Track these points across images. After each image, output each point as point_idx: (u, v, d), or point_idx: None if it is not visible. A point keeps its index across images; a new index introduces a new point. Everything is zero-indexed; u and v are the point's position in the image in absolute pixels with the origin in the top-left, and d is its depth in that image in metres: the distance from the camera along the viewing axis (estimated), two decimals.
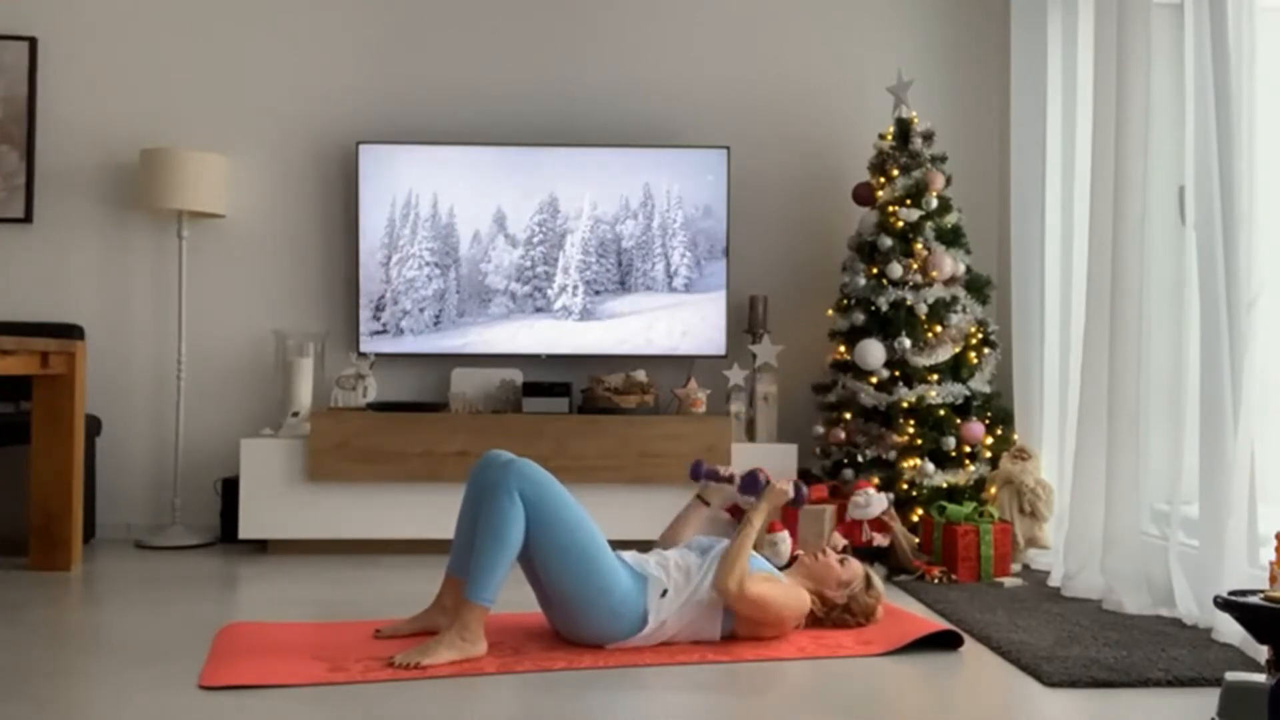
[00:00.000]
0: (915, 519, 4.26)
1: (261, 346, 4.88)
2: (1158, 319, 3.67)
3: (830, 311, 4.66)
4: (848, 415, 4.44)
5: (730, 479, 3.34)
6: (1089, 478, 3.71)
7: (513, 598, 3.12)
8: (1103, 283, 3.67)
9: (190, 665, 2.75)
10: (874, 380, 4.38)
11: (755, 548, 3.25)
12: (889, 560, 4.10)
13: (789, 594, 3.06)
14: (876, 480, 4.26)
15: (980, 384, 4.46)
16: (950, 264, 4.42)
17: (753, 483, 3.24)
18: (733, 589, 2.92)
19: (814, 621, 3.16)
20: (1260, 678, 2.19)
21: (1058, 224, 4.21)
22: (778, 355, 4.72)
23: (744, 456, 4.43)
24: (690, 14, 5.04)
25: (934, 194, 4.48)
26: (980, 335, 4.47)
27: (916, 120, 4.59)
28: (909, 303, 4.38)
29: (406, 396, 4.88)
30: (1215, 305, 3.18)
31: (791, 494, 3.21)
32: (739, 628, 3.01)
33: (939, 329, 4.41)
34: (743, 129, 4.99)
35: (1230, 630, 3.00)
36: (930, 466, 4.28)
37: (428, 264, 4.75)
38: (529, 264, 4.77)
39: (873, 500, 4.08)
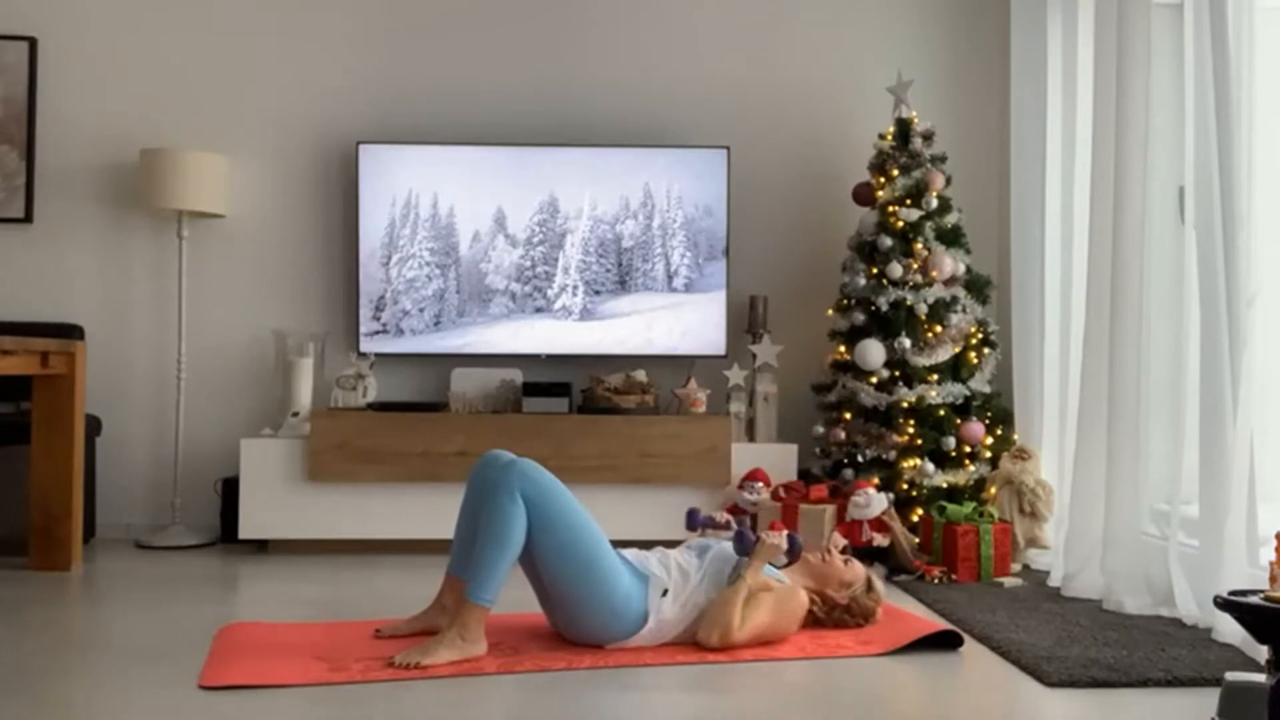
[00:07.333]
0: (915, 519, 4.26)
1: (261, 346, 4.88)
2: (1158, 319, 3.67)
3: (830, 311, 4.66)
4: (848, 415, 4.44)
5: (727, 525, 3.24)
6: (1089, 477, 3.71)
7: (513, 598, 3.12)
8: (1103, 283, 3.67)
9: (190, 665, 2.75)
10: (874, 380, 4.38)
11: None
12: (889, 560, 4.10)
13: (782, 609, 3.01)
14: (876, 480, 4.26)
15: (980, 384, 4.46)
16: (950, 264, 4.42)
17: (743, 541, 3.03)
18: (714, 643, 2.89)
19: (814, 621, 3.16)
20: (1260, 678, 2.19)
21: (1058, 224, 4.20)
22: (778, 355, 4.72)
23: (744, 456, 4.43)
24: (690, 14, 5.04)
25: (934, 194, 4.48)
26: (980, 335, 4.47)
27: (916, 120, 4.59)
28: (909, 303, 4.38)
29: (406, 396, 4.88)
30: (1215, 305, 3.18)
31: (785, 546, 3.04)
32: None
33: (939, 329, 4.41)
34: (743, 129, 4.99)
35: (1230, 630, 3.00)
36: (930, 466, 4.28)
37: (428, 264, 4.75)
38: (529, 264, 4.77)
39: (873, 500, 4.09)
